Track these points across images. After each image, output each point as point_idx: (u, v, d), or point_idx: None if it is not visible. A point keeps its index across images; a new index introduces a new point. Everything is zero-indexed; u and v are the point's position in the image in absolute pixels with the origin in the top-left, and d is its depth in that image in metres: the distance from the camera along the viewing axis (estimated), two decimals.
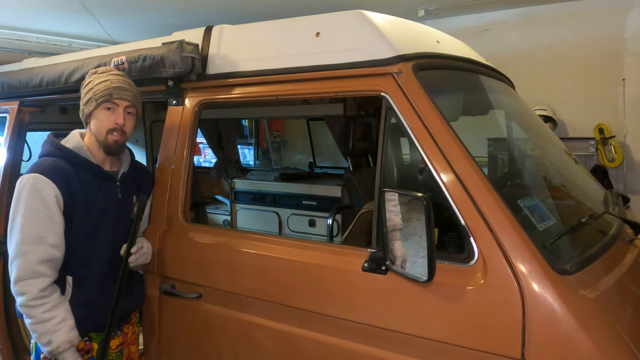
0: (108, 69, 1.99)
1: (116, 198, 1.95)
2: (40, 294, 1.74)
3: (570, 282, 1.41)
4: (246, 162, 6.34)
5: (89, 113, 1.89)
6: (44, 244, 1.75)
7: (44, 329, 1.75)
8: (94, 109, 1.87)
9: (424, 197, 1.37)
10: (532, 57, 4.93)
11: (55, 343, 1.74)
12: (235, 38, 2.10)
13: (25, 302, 1.75)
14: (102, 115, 1.87)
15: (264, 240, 1.90)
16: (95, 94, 1.86)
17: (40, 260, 1.74)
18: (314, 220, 4.20)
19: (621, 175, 4.67)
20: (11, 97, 2.80)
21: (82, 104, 1.91)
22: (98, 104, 1.86)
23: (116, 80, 1.89)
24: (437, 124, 1.59)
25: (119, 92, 1.87)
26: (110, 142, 1.89)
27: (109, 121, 1.87)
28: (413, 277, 1.45)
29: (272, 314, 1.81)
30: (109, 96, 1.85)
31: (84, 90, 1.92)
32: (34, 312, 1.75)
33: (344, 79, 1.79)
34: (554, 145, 2.53)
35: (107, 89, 1.86)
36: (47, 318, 1.75)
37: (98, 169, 1.91)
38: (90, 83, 1.90)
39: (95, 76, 1.92)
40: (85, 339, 1.89)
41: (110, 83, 1.87)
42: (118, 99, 1.87)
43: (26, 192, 1.77)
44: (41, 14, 4.72)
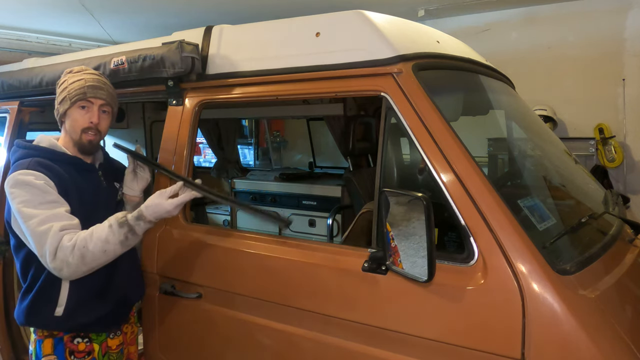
0: (83, 68, 1.97)
1: (102, 187, 1.95)
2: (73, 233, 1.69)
3: (570, 282, 1.41)
4: (246, 162, 6.34)
5: (63, 112, 1.87)
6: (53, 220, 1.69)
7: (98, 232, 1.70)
8: (68, 108, 1.85)
9: (424, 197, 1.37)
10: (532, 57, 4.93)
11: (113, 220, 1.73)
12: (235, 38, 2.10)
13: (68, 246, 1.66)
14: (77, 114, 1.86)
15: (264, 240, 1.90)
16: (70, 93, 1.85)
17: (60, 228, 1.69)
18: (314, 220, 4.20)
19: (621, 175, 4.67)
20: (11, 97, 2.80)
21: (57, 103, 1.90)
22: (72, 103, 1.84)
23: (90, 79, 1.88)
24: (437, 124, 1.59)
25: (94, 91, 1.86)
26: (85, 141, 1.88)
27: (83, 120, 1.86)
28: (413, 277, 1.45)
29: (272, 314, 1.81)
30: (83, 95, 1.84)
31: (59, 89, 1.90)
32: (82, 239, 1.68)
33: (344, 79, 1.79)
34: (554, 145, 2.53)
35: (82, 87, 1.85)
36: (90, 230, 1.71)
37: (78, 161, 1.90)
38: (65, 82, 1.89)
39: (70, 75, 1.91)
40: (86, 340, 1.87)
41: (84, 82, 1.86)
42: (92, 97, 1.85)
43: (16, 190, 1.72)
44: (41, 14, 4.72)
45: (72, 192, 1.81)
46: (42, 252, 1.69)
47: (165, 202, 1.75)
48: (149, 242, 2.12)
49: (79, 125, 1.86)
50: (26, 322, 1.85)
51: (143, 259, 2.15)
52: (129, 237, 1.73)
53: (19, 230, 1.78)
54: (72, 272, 1.69)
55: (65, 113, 1.88)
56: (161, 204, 1.75)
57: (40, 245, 1.69)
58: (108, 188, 1.98)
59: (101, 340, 1.90)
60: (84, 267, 1.69)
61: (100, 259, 1.71)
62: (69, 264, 1.67)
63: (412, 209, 1.44)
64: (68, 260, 1.66)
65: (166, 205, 1.75)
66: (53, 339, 1.84)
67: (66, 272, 1.69)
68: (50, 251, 1.66)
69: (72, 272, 1.69)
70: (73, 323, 1.83)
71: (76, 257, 1.66)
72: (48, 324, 1.83)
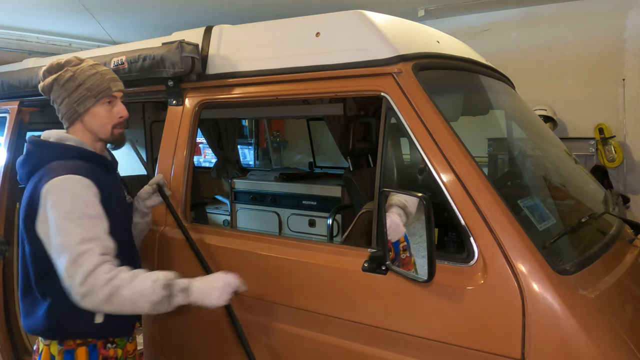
0: (79, 58, 1.83)
1: (119, 187, 1.90)
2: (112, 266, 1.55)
3: (570, 282, 1.41)
4: (246, 162, 6.35)
5: (84, 111, 1.75)
6: (94, 241, 1.57)
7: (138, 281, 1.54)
8: (91, 106, 1.74)
9: (424, 197, 1.37)
10: (532, 57, 4.93)
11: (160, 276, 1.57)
12: (235, 38, 2.10)
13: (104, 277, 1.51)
14: (103, 111, 1.76)
15: (264, 241, 1.90)
16: (91, 89, 1.73)
17: (104, 252, 1.57)
18: (314, 220, 4.19)
19: (621, 175, 4.67)
20: (11, 97, 2.80)
21: (72, 102, 1.74)
22: (97, 100, 1.74)
23: (104, 70, 1.78)
24: (437, 124, 1.59)
25: (115, 83, 1.77)
26: (117, 135, 1.80)
27: (111, 116, 1.77)
28: (413, 277, 1.45)
29: (272, 313, 1.81)
30: (108, 90, 1.74)
31: (67, 86, 1.74)
32: (119, 278, 1.52)
33: (344, 79, 1.79)
34: (554, 145, 2.53)
35: (103, 81, 1.74)
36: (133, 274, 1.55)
37: (106, 161, 1.83)
38: (76, 79, 1.74)
39: (76, 69, 1.76)
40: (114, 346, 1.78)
41: (102, 75, 1.76)
42: (117, 90, 1.77)
43: (61, 197, 1.59)
44: (41, 14, 4.72)
45: (109, 198, 1.71)
46: (72, 271, 1.53)
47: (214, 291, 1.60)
48: (149, 242, 2.12)
49: (107, 122, 1.77)
50: (60, 334, 1.71)
51: (143, 259, 2.15)
52: (163, 302, 1.57)
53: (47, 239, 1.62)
54: (92, 303, 1.53)
55: (86, 112, 1.75)
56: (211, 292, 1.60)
57: (72, 264, 1.53)
58: (121, 188, 1.92)
59: (123, 344, 1.84)
60: (106, 306, 1.54)
61: (125, 307, 1.55)
62: (95, 294, 1.51)
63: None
64: (96, 292, 1.51)
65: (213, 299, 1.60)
66: (87, 347, 1.73)
67: (87, 301, 1.53)
68: (84, 274, 1.51)
69: (92, 303, 1.53)
70: (112, 328, 1.75)
71: (106, 292, 1.52)
72: (88, 333, 1.72)
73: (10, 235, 2.80)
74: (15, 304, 2.79)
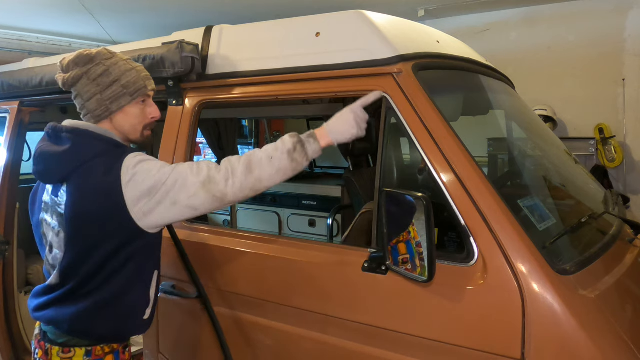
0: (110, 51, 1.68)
1: None
2: None
3: (570, 282, 1.41)
4: None
5: (118, 109, 1.61)
6: None
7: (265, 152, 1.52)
8: (126, 105, 1.62)
9: (424, 197, 1.37)
10: (532, 57, 4.93)
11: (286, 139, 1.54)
12: (235, 38, 2.10)
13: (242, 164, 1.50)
14: (137, 110, 1.64)
15: (264, 241, 1.90)
16: (127, 87, 1.60)
17: None
18: (314, 220, 4.20)
19: (621, 175, 4.67)
20: (11, 97, 2.80)
21: (105, 98, 1.60)
22: (133, 98, 1.62)
23: (139, 67, 1.67)
24: (437, 124, 1.59)
25: (150, 82, 1.67)
26: (147, 137, 1.70)
27: (144, 116, 1.66)
28: (413, 277, 1.45)
29: (272, 314, 1.81)
30: (144, 88, 1.64)
31: (99, 81, 1.59)
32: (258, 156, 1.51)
33: (344, 79, 1.79)
34: (554, 145, 2.53)
35: (140, 79, 1.63)
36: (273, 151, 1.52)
37: None
38: (110, 74, 1.60)
39: (110, 63, 1.61)
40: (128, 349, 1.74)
41: (137, 72, 1.64)
42: (151, 89, 1.68)
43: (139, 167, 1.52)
44: (41, 14, 4.72)
45: None
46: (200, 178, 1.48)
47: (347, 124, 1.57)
48: None
49: (140, 122, 1.66)
50: (111, 338, 1.64)
51: None
52: (298, 149, 1.52)
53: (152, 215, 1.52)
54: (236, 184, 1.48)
55: (120, 110, 1.62)
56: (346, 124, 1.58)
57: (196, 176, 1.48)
58: None
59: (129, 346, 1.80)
60: (249, 177, 1.49)
61: (266, 169, 1.50)
62: (234, 173, 1.48)
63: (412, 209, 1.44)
64: (235, 168, 1.49)
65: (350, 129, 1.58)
66: (113, 354, 1.65)
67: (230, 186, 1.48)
68: (210, 168, 1.50)
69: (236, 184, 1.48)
70: (150, 321, 1.71)
71: (242, 165, 1.49)
72: (138, 330, 1.70)
73: (10, 235, 2.79)
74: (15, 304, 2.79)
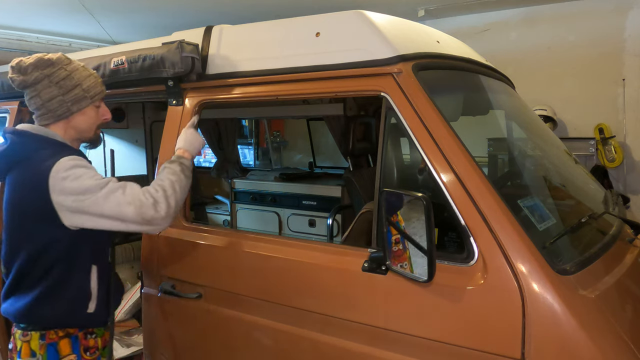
0: (66, 56, 1.82)
1: None
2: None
3: (570, 282, 1.41)
4: (246, 162, 6.34)
5: (77, 110, 1.78)
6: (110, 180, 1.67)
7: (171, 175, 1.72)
8: (86, 106, 1.80)
9: (424, 197, 1.37)
10: (532, 57, 4.94)
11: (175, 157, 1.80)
12: (235, 38, 2.10)
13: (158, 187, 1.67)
14: (93, 113, 1.83)
15: (264, 240, 1.90)
16: (88, 91, 1.79)
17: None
18: (314, 220, 4.19)
19: (621, 175, 4.67)
20: (11, 97, 2.79)
21: (67, 100, 1.75)
22: (93, 101, 1.81)
23: (95, 73, 1.87)
24: (437, 124, 1.59)
25: (104, 87, 1.87)
26: (98, 135, 1.90)
27: (98, 117, 1.85)
28: (413, 277, 1.45)
29: (272, 314, 1.81)
30: (102, 93, 1.84)
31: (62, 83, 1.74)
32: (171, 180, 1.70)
33: (344, 79, 1.79)
34: (554, 145, 2.53)
35: (98, 84, 1.83)
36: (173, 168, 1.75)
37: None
38: (72, 78, 1.76)
39: (72, 68, 1.79)
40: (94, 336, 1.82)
41: (95, 78, 1.84)
42: (105, 94, 1.88)
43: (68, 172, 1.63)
44: (41, 14, 4.73)
45: None
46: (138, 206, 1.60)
47: None
48: (149, 242, 2.12)
49: (94, 122, 1.85)
50: (58, 324, 1.74)
51: (143, 258, 2.15)
52: (184, 168, 1.77)
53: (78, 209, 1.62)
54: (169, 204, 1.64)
55: (79, 111, 1.79)
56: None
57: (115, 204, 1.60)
58: None
59: (101, 334, 1.87)
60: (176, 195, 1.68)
61: (182, 182, 1.72)
62: (167, 196, 1.64)
63: (412, 209, 1.44)
64: (164, 188, 1.66)
65: None
66: (70, 338, 1.77)
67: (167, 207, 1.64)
68: (148, 197, 1.62)
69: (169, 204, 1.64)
70: (100, 318, 1.82)
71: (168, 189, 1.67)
72: (83, 323, 1.78)
73: None
74: None
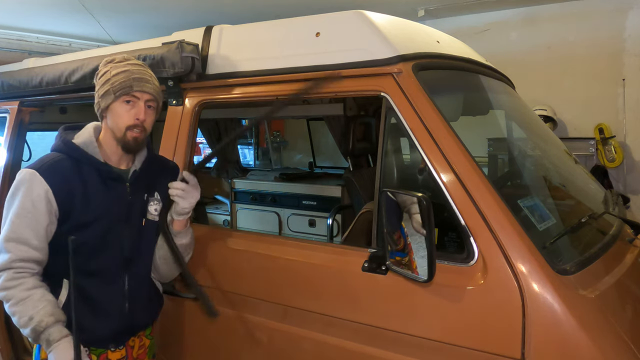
0: (126, 57, 1.79)
1: (125, 199, 1.77)
2: (18, 274, 1.62)
3: (570, 282, 1.41)
4: (246, 162, 6.33)
5: (105, 107, 1.71)
6: (27, 245, 1.63)
7: (23, 307, 1.59)
8: (111, 102, 1.70)
9: (424, 197, 1.37)
10: (532, 57, 4.93)
11: (36, 318, 1.58)
12: (235, 38, 2.10)
13: (3, 285, 1.61)
14: (121, 110, 1.70)
15: (264, 241, 1.90)
16: (114, 86, 1.68)
17: (20, 259, 1.63)
18: (314, 220, 4.19)
19: (621, 175, 4.67)
20: (11, 97, 2.80)
21: (98, 96, 1.72)
22: (117, 97, 1.69)
23: (136, 70, 1.72)
24: (437, 124, 1.59)
25: (140, 84, 1.70)
26: (130, 139, 1.72)
27: (128, 116, 1.70)
28: (413, 277, 1.45)
29: (272, 314, 1.81)
30: (129, 88, 1.68)
31: (100, 81, 1.73)
32: (12, 293, 1.60)
33: (344, 79, 1.79)
34: (554, 145, 2.53)
35: (127, 80, 1.69)
36: (25, 296, 1.60)
37: (105, 168, 1.75)
38: (107, 73, 1.72)
39: (113, 65, 1.73)
40: (85, 349, 1.71)
41: (130, 74, 1.70)
42: (139, 91, 1.69)
43: (21, 189, 1.65)
44: (41, 14, 4.73)
45: (78, 201, 1.68)
46: None
47: None
48: None
49: (123, 122, 1.71)
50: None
51: None
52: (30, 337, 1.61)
53: None
54: None
55: (107, 107, 1.71)
56: None
57: None
58: (134, 200, 1.80)
59: (100, 352, 1.76)
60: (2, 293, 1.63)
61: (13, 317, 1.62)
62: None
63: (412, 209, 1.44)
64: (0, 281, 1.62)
65: None
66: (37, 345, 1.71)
67: None
68: None
69: None
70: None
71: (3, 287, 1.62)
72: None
73: None
74: None
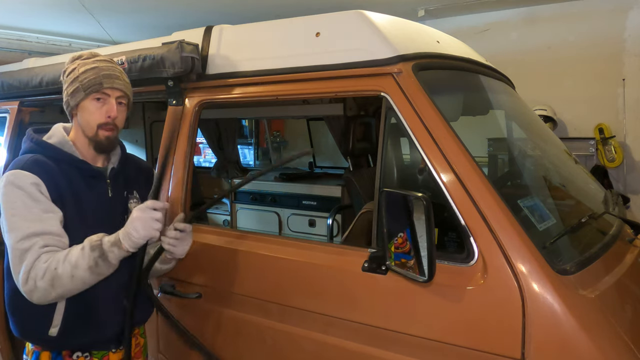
0: (94, 53, 1.76)
1: (106, 197, 1.75)
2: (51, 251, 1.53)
3: (570, 282, 1.41)
4: (246, 162, 6.34)
5: (75, 105, 1.68)
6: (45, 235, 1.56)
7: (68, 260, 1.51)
8: (81, 100, 1.67)
9: (424, 197, 1.37)
10: (532, 57, 4.94)
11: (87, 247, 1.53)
12: (235, 38, 2.10)
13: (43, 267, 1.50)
14: (92, 107, 1.67)
15: (264, 241, 1.90)
16: (83, 83, 1.66)
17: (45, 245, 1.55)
18: (314, 220, 4.19)
19: (621, 175, 4.67)
20: (11, 97, 2.80)
21: (67, 94, 1.69)
22: (87, 94, 1.66)
23: (105, 67, 1.70)
24: (437, 124, 1.59)
25: (110, 81, 1.67)
26: (102, 137, 1.69)
27: (100, 114, 1.67)
28: (413, 277, 1.45)
29: (272, 314, 1.81)
30: (99, 85, 1.65)
31: (68, 78, 1.70)
32: (53, 263, 1.51)
33: (344, 79, 1.79)
34: (554, 145, 2.53)
35: (97, 76, 1.66)
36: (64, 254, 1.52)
37: (85, 166, 1.72)
38: (75, 71, 1.69)
39: (80, 62, 1.70)
40: (86, 355, 1.71)
41: (99, 70, 1.68)
42: (109, 88, 1.67)
43: (7, 191, 1.58)
44: (41, 14, 4.73)
45: (68, 200, 1.65)
46: (18, 269, 1.53)
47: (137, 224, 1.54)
48: None
49: (95, 119, 1.68)
50: (22, 337, 1.71)
51: None
52: (99, 263, 1.54)
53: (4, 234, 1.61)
54: (40, 297, 1.53)
55: (77, 105, 1.68)
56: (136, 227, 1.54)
57: (18, 262, 1.54)
58: (114, 199, 1.78)
59: (102, 354, 1.75)
60: (53, 292, 1.53)
61: (67, 285, 1.53)
62: (37, 288, 1.51)
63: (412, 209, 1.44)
64: (37, 284, 1.51)
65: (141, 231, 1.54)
66: (51, 352, 1.69)
67: (35, 296, 1.53)
68: (25, 270, 1.52)
69: (40, 297, 1.53)
70: (68, 344, 1.68)
71: (46, 281, 1.51)
72: (42, 343, 1.69)
73: None
74: None
